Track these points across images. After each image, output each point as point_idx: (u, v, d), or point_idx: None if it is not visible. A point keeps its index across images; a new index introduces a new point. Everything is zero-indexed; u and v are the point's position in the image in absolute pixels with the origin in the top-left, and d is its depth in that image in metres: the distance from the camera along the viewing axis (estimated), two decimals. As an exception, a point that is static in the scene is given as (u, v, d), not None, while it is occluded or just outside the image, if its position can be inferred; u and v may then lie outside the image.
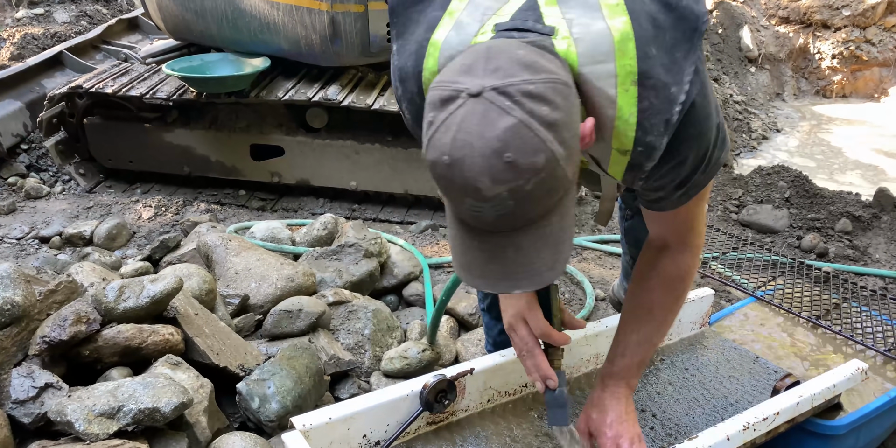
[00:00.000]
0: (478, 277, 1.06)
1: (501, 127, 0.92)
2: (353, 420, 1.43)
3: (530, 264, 1.02)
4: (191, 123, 3.50)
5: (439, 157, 0.95)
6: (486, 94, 0.93)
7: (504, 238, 1.01)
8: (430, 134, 0.97)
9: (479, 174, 0.92)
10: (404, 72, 1.18)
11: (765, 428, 1.50)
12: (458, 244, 1.07)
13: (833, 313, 2.24)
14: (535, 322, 1.38)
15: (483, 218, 0.98)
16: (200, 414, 1.40)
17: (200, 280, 1.94)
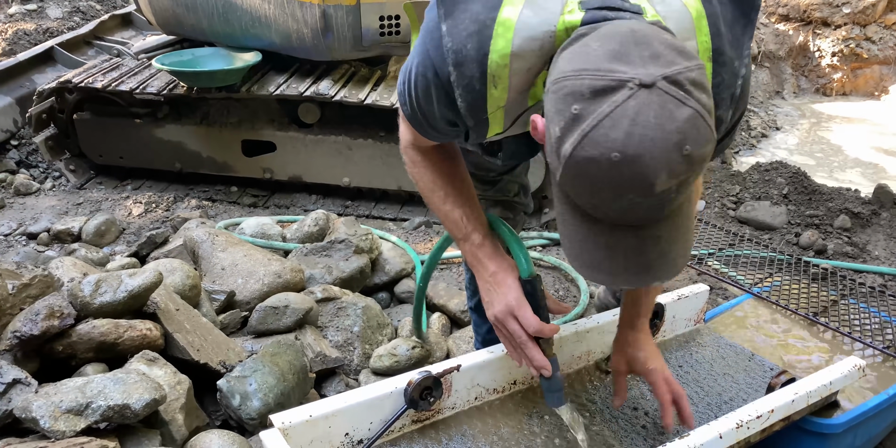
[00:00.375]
0: (610, 274, 1.02)
1: (681, 118, 0.87)
2: (334, 418, 1.39)
3: (666, 254, 0.99)
4: (182, 119, 3.47)
5: (605, 154, 0.87)
6: (660, 84, 0.88)
7: (642, 231, 0.96)
8: (583, 128, 0.89)
9: (658, 170, 0.87)
10: (462, 55, 1.09)
11: (759, 426, 1.46)
12: (582, 242, 1.01)
13: (831, 310, 2.20)
14: (525, 319, 1.34)
15: (633, 213, 0.94)
16: (177, 411, 1.36)
17: (184, 275, 1.90)
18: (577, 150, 0.90)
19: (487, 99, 1.13)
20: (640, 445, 1.51)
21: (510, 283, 1.36)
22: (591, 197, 0.95)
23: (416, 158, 1.42)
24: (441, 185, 1.41)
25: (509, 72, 1.08)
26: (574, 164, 0.91)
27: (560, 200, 1.02)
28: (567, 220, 1.02)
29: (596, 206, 0.96)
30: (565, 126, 0.91)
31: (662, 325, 1.91)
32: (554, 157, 0.95)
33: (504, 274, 1.37)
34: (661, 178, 0.88)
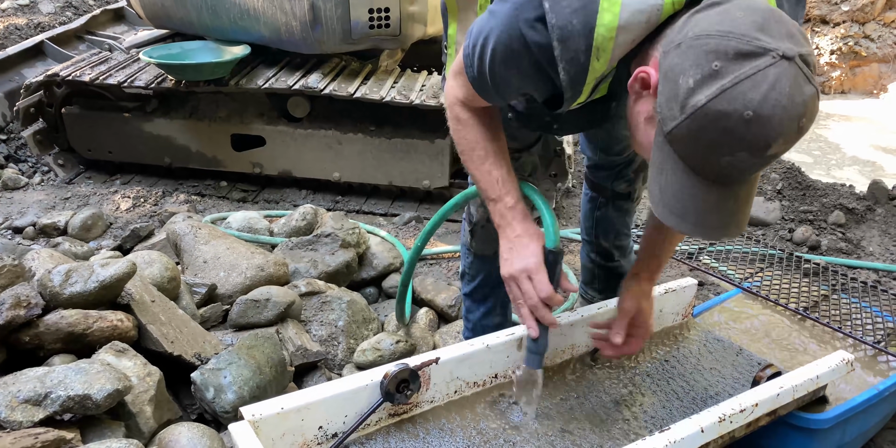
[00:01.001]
0: (693, 224, 1.10)
1: (807, 94, 0.97)
2: (307, 410, 1.36)
3: (739, 212, 1.09)
4: (171, 113, 3.44)
5: (739, 110, 0.95)
6: (797, 60, 0.96)
7: (729, 189, 1.06)
8: (724, 84, 0.96)
9: (779, 134, 0.96)
10: (567, 30, 1.13)
11: (743, 420, 1.42)
12: (677, 192, 1.08)
13: (821, 305, 2.16)
14: (540, 282, 1.38)
15: (734, 170, 1.02)
16: (145, 403, 1.33)
17: (162, 267, 1.87)
18: (712, 102, 0.96)
19: (589, 71, 1.17)
20: (621, 439, 1.47)
21: (533, 249, 1.39)
22: (705, 149, 1.01)
23: (463, 116, 1.44)
24: (483, 145, 1.44)
25: (614, 44, 1.13)
26: (703, 114, 0.97)
27: (662, 150, 1.07)
28: (665, 171, 1.08)
29: (704, 159, 1.03)
30: (702, 79, 0.97)
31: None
32: (675, 108, 1.01)
33: (529, 239, 1.40)
34: (777, 143, 0.97)
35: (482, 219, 1.86)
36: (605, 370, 1.73)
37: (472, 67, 1.31)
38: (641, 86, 1.12)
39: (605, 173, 2.03)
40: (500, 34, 1.23)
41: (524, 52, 1.21)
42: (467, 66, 1.32)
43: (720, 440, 1.44)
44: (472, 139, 1.44)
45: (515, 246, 1.41)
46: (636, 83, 1.12)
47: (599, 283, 2.24)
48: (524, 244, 1.40)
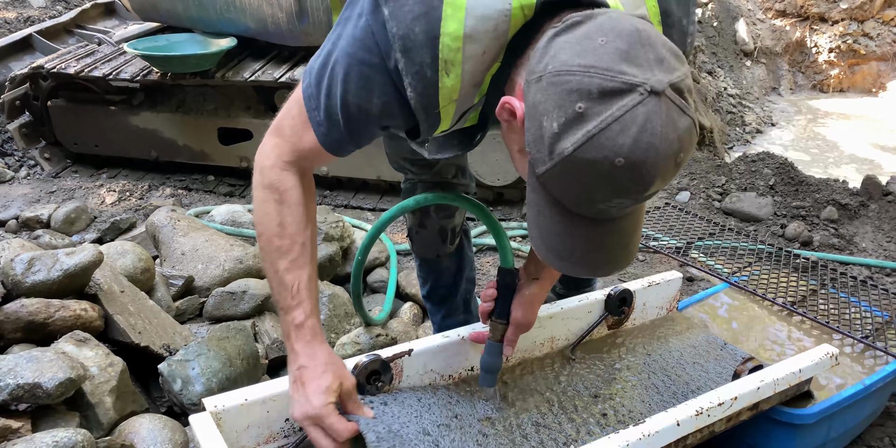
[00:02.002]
0: (580, 265, 1.02)
1: (682, 128, 0.88)
2: (273, 402, 1.32)
3: (628, 245, 1.01)
4: (157, 106, 3.40)
5: (610, 158, 0.86)
6: (667, 92, 0.87)
7: (611, 224, 0.97)
8: (589, 130, 0.86)
9: (655, 176, 0.88)
10: (409, 40, 1.01)
11: (721, 414, 1.38)
12: (557, 234, 0.99)
13: (809, 300, 2.12)
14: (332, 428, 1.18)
15: (615, 211, 0.95)
16: (105, 394, 1.29)
17: (135, 258, 1.84)
18: (580, 151, 0.87)
19: (440, 89, 1.05)
20: (598, 432, 1.44)
21: (317, 386, 1.16)
22: (578, 195, 0.93)
23: (286, 184, 1.18)
24: (291, 233, 1.20)
25: (462, 57, 1.02)
26: (571, 163, 0.88)
27: (536, 192, 0.98)
28: (543, 212, 0.99)
29: (578, 204, 0.94)
30: (566, 123, 0.87)
31: (631, 311, 1.85)
32: (543, 151, 0.91)
33: (312, 372, 1.18)
34: (655, 184, 0.89)
35: (414, 225, 1.84)
36: (585, 363, 1.69)
37: (319, 109, 1.12)
38: (508, 115, 1.00)
39: None
40: (344, 55, 1.07)
41: (376, 68, 1.06)
42: (311, 109, 1.13)
43: (699, 434, 1.40)
44: (280, 222, 1.19)
45: (297, 381, 1.19)
46: (503, 112, 1.00)
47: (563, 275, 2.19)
48: (307, 379, 1.17)
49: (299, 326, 1.20)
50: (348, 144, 1.17)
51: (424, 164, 1.71)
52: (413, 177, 1.78)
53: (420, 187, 1.77)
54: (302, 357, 1.20)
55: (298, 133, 1.16)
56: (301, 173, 1.21)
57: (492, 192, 3.36)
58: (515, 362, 1.65)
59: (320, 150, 1.17)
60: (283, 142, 1.19)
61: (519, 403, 1.51)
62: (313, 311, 1.21)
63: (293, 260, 1.20)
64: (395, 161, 1.78)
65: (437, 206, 1.79)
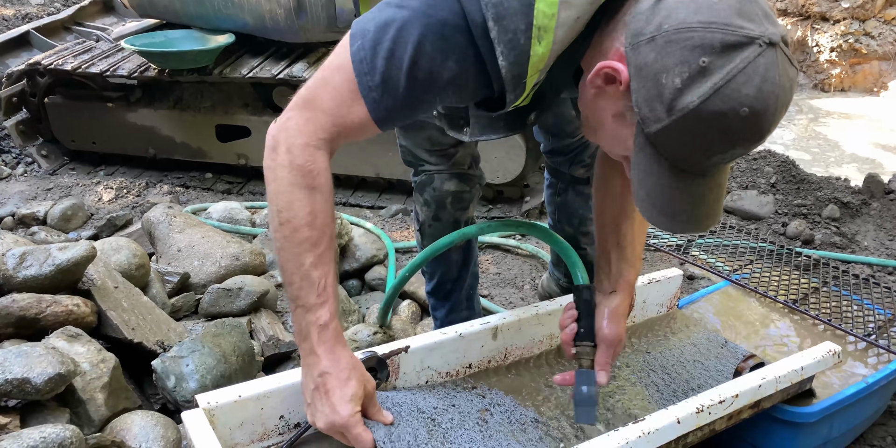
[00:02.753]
0: (686, 221, 1.05)
1: (792, 78, 0.93)
2: (267, 399, 1.30)
3: (720, 200, 1.06)
4: (154, 103, 3.39)
5: (735, 108, 0.90)
6: (781, 44, 0.91)
7: (713, 179, 1.02)
8: (715, 82, 0.89)
9: (773, 123, 0.93)
10: (503, 7, 0.98)
11: (722, 411, 1.36)
12: (663, 194, 1.02)
13: (811, 297, 2.10)
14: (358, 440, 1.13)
15: (723, 163, 0.99)
16: (97, 390, 1.27)
17: (130, 254, 1.82)
18: (706, 103, 0.90)
19: (531, 57, 1.03)
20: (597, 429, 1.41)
21: (342, 395, 1.10)
22: (697, 148, 0.95)
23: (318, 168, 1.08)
24: (319, 224, 1.09)
25: (556, 22, 1.00)
26: (696, 116, 0.91)
27: (645, 152, 0.99)
28: (651, 171, 1.00)
29: (695, 157, 0.97)
30: (690, 77, 0.90)
31: (632, 309, 1.82)
32: (660, 109, 0.93)
33: (337, 379, 1.10)
34: (769, 131, 0.94)
35: (428, 218, 1.82)
36: (584, 361, 1.67)
37: (374, 73, 1.03)
38: (605, 81, 1.00)
39: (561, 158, 1.96)
40: (429, 15, 1.01)
41: (463, 33, 1.01)
42: (362, 74, 1.03)
43: (699, 432, 1.38)
44: (312, 210, 1.08)
45: (320, 388, 1.11)
46: (598, 78, 1.00)
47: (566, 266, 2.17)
48: (332, 386, 1.10)
49: (323, 327, 1.11)
50: (399, 115, 1.10)
51: (444, 153, 1.70)
52: (430, 168, 1.75)
53: (437, 179, 1.74)
54: (325, 361, 1.11)
55: (344, 103, 1.06)
56: (331, 154, 1.12)
57: (492, 190, 3.34)
58: (513, 361, 1.63)
59: (365, 123, 1.07)
60: (320, 115, 1.07)
61: (516, 400, 1.49)
62: (337, 311, 1.14)
63: (321, 254, 1.10)
64: (411, 154, 1.75)
65: (453, 199, 1.77)
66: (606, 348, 1.33)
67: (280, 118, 1.12)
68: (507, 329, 1.60)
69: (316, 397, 1.13)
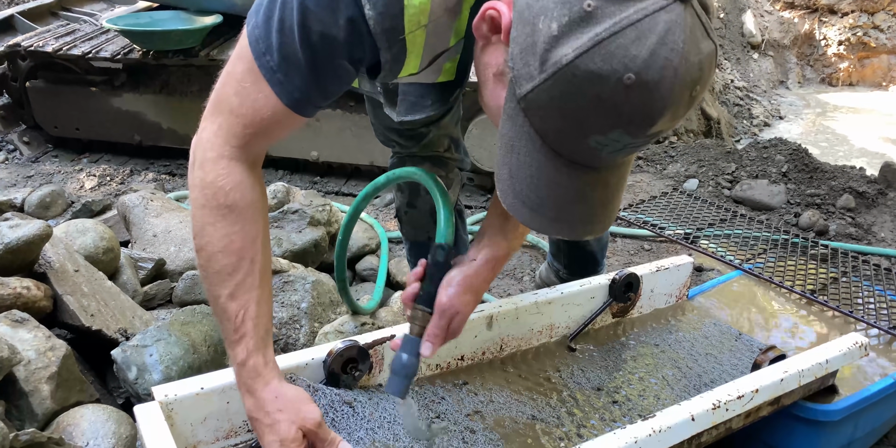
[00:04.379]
0: (552, 219, 0.85)
1: (706, 52, 0.73)
2: (234, 392, 1.16)
3: (609, 204, 0.86)
4: (140, 87, 3.25)
5: (618, 71, 0.70)
6: (694, 2, 0.72)
7: (597, 174, 0.82)
8: (598, 33, 0.70)
9: (666, 106, 0.73)
10: None
11: (740, 408, 1.23)
12: (530, 177, 0.82)
13: (830, 288, 1.96)
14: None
15: (606, 153, 0.78)
16: (42, 381, 1.14)
17: (97, 237, 1.68)
18: (582, 59, 0.71)
19: (405, 7, 0.89)
20: (603, 429, 1.28)
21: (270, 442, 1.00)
22: (570, 123, 0.76)
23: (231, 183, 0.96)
24: (239, 249, 0.98)
25: None
26: (569, 75, 0.72)
27: (513, 121, 0.81)
28: (517, 149, 0.82)
29: (568, 136, 0.78)
30: (569, 23, 0.71)
31: (638, 298, 1.69)
32: (534, 62, 0.74)
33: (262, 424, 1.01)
34: (664, 118, 0.74)
35: (403, 205, 1.69)
36: (587, 354, 1.54)
37: (272, 51, 0.92)
38: (490, 28, 0.84)
39: None
40: None
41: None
42: (260, 55, 0.92)
43: (714, 431, 1.25)
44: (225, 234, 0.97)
45: (255, 431, 1.04)
46: (483, 23, 0.84)
47: (564, 257, 2.03)
48: (261, 432, 1.01)
49: (241, 365, 1.01)
50: (314, 93, 0.97)
51: (411, 135, 1.56)
52: (401, 150, 1.62)
53: (409, 163, 1.62)
54: (248, 404, 1.02)
55: (249, 97, 0.94)
56: (252, 163, 1.00)
57: (489, 179, 3.20)
58: (510, 353, 1.50)
59: (280, 114, 0.96)
60: (229, 118, 0.96)
61: (512, 396, 1.36)
62: (259, 345, 1.01)
63: (239, 283, 0.99)
64: (381, 132, 1.63)
65: None
66: (439, 318, 1.12)
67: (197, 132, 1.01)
68: (503, 318, 1.47)
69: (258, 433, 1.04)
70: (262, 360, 1.03)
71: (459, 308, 1.13)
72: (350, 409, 1.15)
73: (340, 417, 1.12)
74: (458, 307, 1.13)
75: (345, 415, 1.13)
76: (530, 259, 2.65)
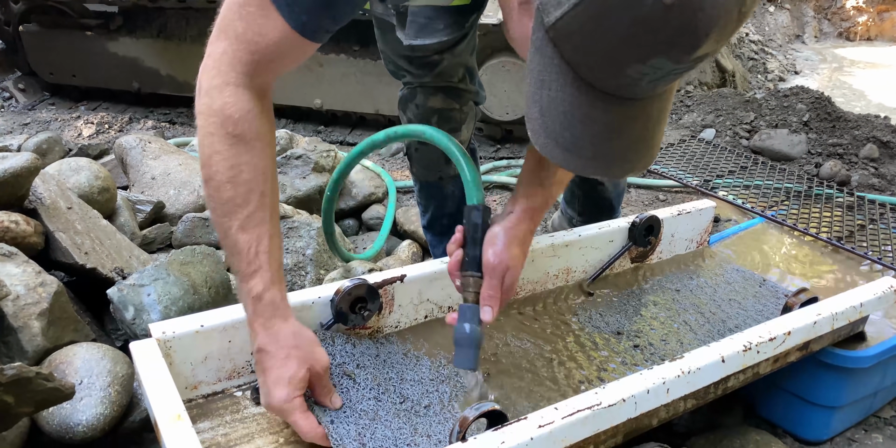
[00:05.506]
0: (588, 157, 0.78)
1: None
2: (236, 331, 1.10)
3: (650, 138, 0.79)
4: (137, 31, 3.13)
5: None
6: None
7: (634, 106, 0.76)
8: None
9: (710, 28, 0.65)
10: None
11: (772, 351, 1.16)
12: (563, 114, 0.76)
13: (857, 235, 1.88)
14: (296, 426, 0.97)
15: (646, 82, 0.71)
16: (32, 318, 1.08)
17: (91, 175, 1.61)
18: None
19: None
20: (624, 373, 1.22)
21: (279, 375, 0.95)
22: (602, 53, 0.70)
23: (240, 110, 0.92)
24: (248, 180, 0.94)
25: None
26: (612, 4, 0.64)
27: (543, 53, 0.74)
28: (548, 84, 0.75)
29: (603, 66, 0.71)
30: None
31: (658, 243, 1.61)
32: None
33: (273, 359, 0.95)
34: (709, 40, 0.66)
35: (413, 141, 1.58)
36: (606, 299, 1.47)
37: None
38: None
39: None
40: None
41: None
42: None
43: (742, 375, 1.18)
44: (234, 164, 0.93)
45: (259, 367, 0.98)
46: None
47: (579, 204, 1.95)
48: (268, 367, 0.96)
49: (257, 299, 0.96)
50: (323, 16, 0.90)
51: (424, 63, 1.46)
52: (412, 80, 1.53)
53: (420, 93, 1.52)
54: (261, 338, 0.97)
55: (254, 21, 0.89)
56: (260, 92, 0.95)
57: (499, 129, 3.09)
58: (525, 296, 1.43)
59: (287, 39, 0.90)
60: (234, 44, 0.91)
61: (530, 339, 1.29)
62: (274, 279, 0.97)
63: (249, 215, 0.94)
64: (392, 61, 1.53)
65: (439, 118, 1.55)
66: (491, 278, 1.06)
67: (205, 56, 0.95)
68: (519, 260, 1.39)
69: (258, 374, 0.98)
70: (280, 294, 0.98)
71: (509, 263, 1.07)
72: (351, 381, 1.09)
73: (340, 391, 1.06)
74: (508, 262, 1.07)
75: (345, 388, 1.07)
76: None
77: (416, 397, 1.09)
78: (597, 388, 0.98)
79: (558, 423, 0.90)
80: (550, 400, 1.13)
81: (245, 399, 1.09)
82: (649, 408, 1.01)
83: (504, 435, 0.88)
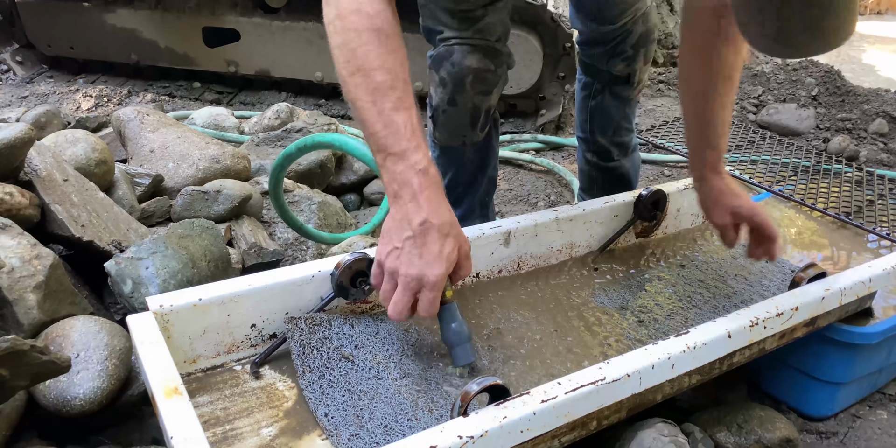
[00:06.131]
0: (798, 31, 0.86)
1: None
2: (235, 304, 1.09)
3: (850, 6, 0.86)
4: (135, 2, 3.08)
5: None
6: None
7: None
8: None
9: None
10: None
11: (779, 326, 1.14)
12: None
13: (866, 211, 1.86)
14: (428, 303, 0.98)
15: None
16: (28, 290, 1.06)
17: (88, 147, 1.58)
18: None
19: None
20: (628, 348, 1.20)
21: (438, 252, 0.96)
22: None
23: (375, 8, 0.98)
24: (395, 68, 0.98)
25: None
26: None
27: None
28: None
29: None
30: None
31: (664, 217, 1.59)
32: None
33: (438, 232, 0.96)
34: None
35: (442, 102, 1.54)
36: (611, 274, 1.45)
37: None
38: None
39: (599, 50, 1.69)
40: None
41: None
42: None
43: (748, 351, 1.17)
44: (380, 53, 0.98)
45: (417, 238, 0.97)
46: None
47: (598, 189, 1.92)
48: (431, 240, 0.96)
49: (423, 172, 0.98)
50: None
51: (466, 17, 1.43)
52: (451, 36, 1.48)
53: (458, 51, 1.47)
54: (427, 211, 0.97)
55: None
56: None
57: (503, 103, 3.05)
58: (528, 271, 1.41)
59: None
60: None
61: (533, 314, 1.28)
62: (430, 155, 1.02)
63: (400, 97, 0.98)
64: (432, 15, 1.48)
65: (474, 78, 1.50)
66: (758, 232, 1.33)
67: None
68: (521, 235, 1.37)
69: (409, 245, 0.98)
70: (438, 172, 1.02)
71: (739, 210, 1.33)
72: (349, 364, 1.07)
73: (339, 375, 1.04)
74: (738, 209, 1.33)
75: (343, 371, 1.05)
76: (545, 184, 2.54)
77: (417, 372, 1.08)
78: (601, 363, 0.97)
79: (561, 398, 0.89)
80: (553, 375, 1.11)
81: (244, 373, 1.08)
82: (654, 383, 0.99)
83: (506, 410, 0.86)
